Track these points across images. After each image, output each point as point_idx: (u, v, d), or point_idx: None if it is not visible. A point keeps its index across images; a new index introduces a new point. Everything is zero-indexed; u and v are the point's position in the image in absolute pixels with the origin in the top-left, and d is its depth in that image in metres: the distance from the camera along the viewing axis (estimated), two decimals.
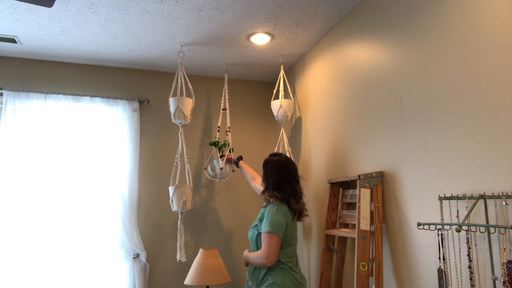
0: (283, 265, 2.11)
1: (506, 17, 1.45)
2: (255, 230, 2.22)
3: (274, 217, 2.11)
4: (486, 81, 1.51)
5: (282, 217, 2.12)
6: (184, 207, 2.91)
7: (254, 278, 2.17)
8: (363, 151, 2.32)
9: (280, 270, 2.10)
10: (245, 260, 2.28)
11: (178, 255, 2.91)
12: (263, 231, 2.11)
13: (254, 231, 2.23)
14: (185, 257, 2.93)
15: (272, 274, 2.09)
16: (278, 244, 2.08)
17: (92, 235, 3.09)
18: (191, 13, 2.54)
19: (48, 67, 3.29)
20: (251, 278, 2.20)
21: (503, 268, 1.29)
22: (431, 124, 1.78)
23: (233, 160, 3.11)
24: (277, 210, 2.14)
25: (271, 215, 2.12)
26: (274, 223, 2.09)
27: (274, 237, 2.07)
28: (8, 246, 2.89)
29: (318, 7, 2.48)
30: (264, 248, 2.08)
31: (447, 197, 1.62)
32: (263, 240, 2.10)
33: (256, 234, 2.20)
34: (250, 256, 2.21)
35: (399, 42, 2.04)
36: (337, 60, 2.68)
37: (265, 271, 2.12)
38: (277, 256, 2.08)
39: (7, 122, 3.03)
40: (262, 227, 2.13)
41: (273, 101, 3.15)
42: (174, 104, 2.95)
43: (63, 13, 2.52)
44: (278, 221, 2.10)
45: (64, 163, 3.11)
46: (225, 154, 3.12)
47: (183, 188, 2.92)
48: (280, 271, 2.10)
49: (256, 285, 2.15)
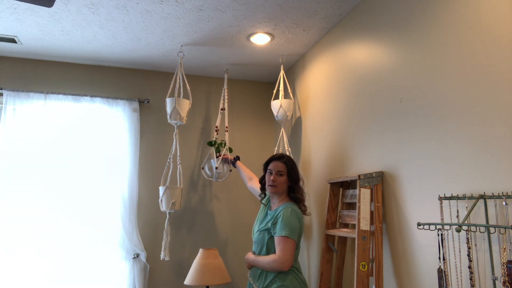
0: (291, 268, 2.09)
1: (506, 17, 1.45)
2: (265, 234, 2.16)
3: (290, 221, 2.07)
4: (486, 81, 1.51)
5: (297, 220, 2.11)
6: (173, 208, 2.92)
7: (261, 280, 2.11)
8: (363, 151, 2.32)
9: (289, 272, 2.08)
10: (251, 264, 2.20)
11: (162, 254, 2.92)
12: (279, 235, 2.05)
13: (264, 234, 2.16)
14: (169, 256, 2.94)
15: (281, 276, 2.06)
16: (294, 248, 2.05)
17: (92, 235, 3.09)
18: (191, 13, 2.54)
19: (48, 67, 3.30)
20: (257, 280, 2.14)
21: (503, 268, 1.29)
22: (431, 124, 1.78)
23: (230, 160, 3.10)
24: (291, 213, 2.10)
25: (287, 218, 2.07)
26: (291, 226, 2.05)
27: (290, 241, 2.03)
28: (8, 246, 2.89)
29: (318, 7, 2.48)
30: (280, 253, 2.02)
31: (447, 197, 1.62)
32: (279, 244, 2.04)
33: (268, 238, 2.13)
34: (260, 260, 2.12)
35: (399, 42, 2.04)
36: (337, 60, 2.68)
37: (274, 273, 2.07)
38: (292, 261, 2.05)
39: (7, 122, 3.04)
40: (277, 231, 2.07)
41: (273, 101, 3.15)
42: (171, 104, 2.95)
43: (63, 13, 2.52)
44: (294, 224, 2.07)
45: (64, 163, 3.12)
46: (222, 153, 3.11)
47: (173, 190, 2.92)
48: (289, 273, 2.08)
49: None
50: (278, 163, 2.27)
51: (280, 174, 2.24)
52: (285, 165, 2.26)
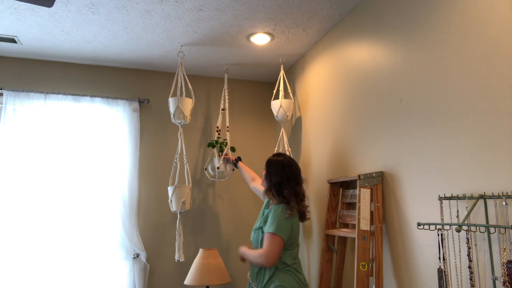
0: (289, 268, 2.09)
1: (506, 17, 1.45)
2: (260, 233, 2.18)
3: (279, 218, 2.08)
4: (486, 81, 1.51)
5: (288, 218, 2.10)
6: (183, 207, 2.91)
7: (259, 280, 2.13)
8: (363, 151, 2.32)
9: (286, 272, 2.08)
10: (242, 255, 2.24)
11: (177, 255, 2.91)
12: (267, 232, 2.07)
13: (258, 233, 2.20)
14: (183, 257, 2.93)
15: (278, 276, 2.07)
16: (281, 246, 2.05)
17: (92, 235, 3.08)
18: (191, 13, 2.54)
19: (48, 67, 3.29)
20: (255, 280, 2.16)
21: (503, 268, 1.29)
22: (431, 124, 1.78)
23: (232, 161, 3.09)
24: (282, 211, 2.11)
25: (276, 216, 2.09)
26: (279, 224, 2.06)
27: (277, 238, 2.04)
28: (8, 246, 2.89)
29: (318, 7, 2.48)
30: (265, 248, 2.04)
31: (447, 197, 1.62)
32: (266, 240, 2.06)
33: (262, 236, 2.15)
34: (248, 253, 2.18)
35: (399, 42, 2.04)
36: (337, 60, 2.68)
37: (271, 273, 2.08)
38: (277, 258, 2.05)
39: (7, 122, 3.03)
40: (267, 228, 2.10)
41: (273, 101, 3.15)
42: (174, 104, 2.95)
43: (63, 13, 2.52)
44: (283, 222, 2.08)
45: (64, 163, 3.11)
46: (224, 153, 3.11)
47: (182, 188, 2.92)
48: (286, 273, 2.08)
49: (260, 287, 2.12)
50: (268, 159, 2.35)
51: (264, 170, 2.32)
52: (267, 162, 2.32)
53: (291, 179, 2.21)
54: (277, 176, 2.21)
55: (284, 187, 2.18)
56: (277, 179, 2.20)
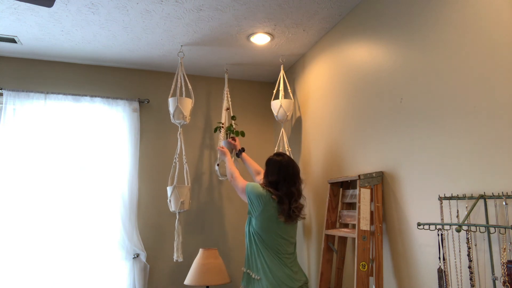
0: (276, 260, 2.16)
1: (506, 17, 1.45)
2: (248, 220, 2.29)
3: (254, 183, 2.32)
4: (486, 81, 1.51)
5: (262, 190, 2.22)
6: (182, 207, 2.91)
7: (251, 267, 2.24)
8: (363, 151, 2.32)
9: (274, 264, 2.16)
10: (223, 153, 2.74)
11: (175, 255, 2.91)
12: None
13: (248, 221, 2.29)
14: (182, 257, 2.93)
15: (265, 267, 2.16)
16: (241, 182, 2.36)
17: (92, 235, 3.09)
18: (191, 13, 2.54)
19: (48, 67, 3.29)
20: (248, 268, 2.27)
21: (503, 268, 1.29)
22: (431, 124, 1.78)
23: (235, 151, 3.00)
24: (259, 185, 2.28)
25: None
26: (253, 184, 2.30)
27: (243, 183, 2.33)
28: (8, 246, 2.89)
29: (318, 7, 2.48)
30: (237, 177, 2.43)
31: (447, 197, 1.62)
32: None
33: (249, 224, 2.26)
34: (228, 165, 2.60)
35: (399, 42, 2.04)
36: (337, 60, 2.68)
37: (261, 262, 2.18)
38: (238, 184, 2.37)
39: (7, 122, 3.03)
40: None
41: (273, 101, 3.15)
42: (173, 104, 2.95)
43: (63, 13, 2.52)
44: (257, 186, 2.27)
45: (64, 163, 3.11)
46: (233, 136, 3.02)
47: (181, 189, 2.91)
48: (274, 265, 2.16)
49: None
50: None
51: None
52: (266, 161, 2.39)
53: (287, 179, 2.25)
54: (274, 175, 2.26)
55: (280, 187, 2.23)
56: (274, 178, 2.25)
